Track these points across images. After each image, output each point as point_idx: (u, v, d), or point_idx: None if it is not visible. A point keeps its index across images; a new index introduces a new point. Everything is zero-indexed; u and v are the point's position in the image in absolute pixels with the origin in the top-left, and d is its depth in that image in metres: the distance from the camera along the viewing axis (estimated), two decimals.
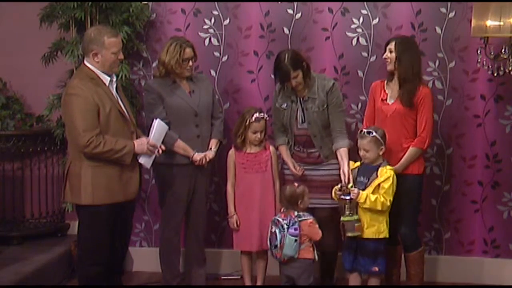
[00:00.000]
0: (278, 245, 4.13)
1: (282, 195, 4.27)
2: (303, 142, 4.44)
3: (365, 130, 4.22)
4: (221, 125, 4.58)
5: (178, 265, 4.63)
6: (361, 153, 4.22)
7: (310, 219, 4.17)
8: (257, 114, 4.44)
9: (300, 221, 4.14)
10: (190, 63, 4.36)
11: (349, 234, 4.15)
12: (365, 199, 4.11)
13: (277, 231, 4.13)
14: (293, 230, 4.10)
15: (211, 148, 4.48)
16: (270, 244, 4.21)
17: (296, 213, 4.17)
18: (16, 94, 5.18)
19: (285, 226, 4.11)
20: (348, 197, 4.13)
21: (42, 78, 4.97)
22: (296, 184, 4.26)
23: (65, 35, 4.84)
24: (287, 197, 4.21)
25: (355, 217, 4.13)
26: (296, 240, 4.11)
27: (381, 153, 4.19)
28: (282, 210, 4.27)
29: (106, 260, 3.98)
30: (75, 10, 4.62)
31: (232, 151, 4.56)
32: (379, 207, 4.12)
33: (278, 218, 4.18)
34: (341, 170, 4.30)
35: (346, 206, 4.14)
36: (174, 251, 4.57)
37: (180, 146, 4.36)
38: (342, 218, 4.16)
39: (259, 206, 4.48)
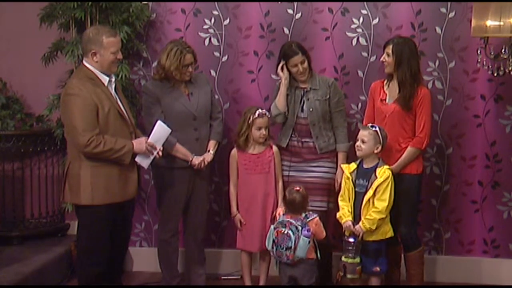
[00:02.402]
0: (292, 247, 4.06)
1: (291, 203, 4.16)
2: (299, 131, 4.46)
3: (369, 124, 4.24)
4: (220, 125, 4.57)
5: (177, 265, 4.64)
6: (358, 143, 4.21)
7: (316, 217, 4.15)
8: (260, 110, 4.45)
9: (308, 221, 4.12)
10: (190, 68, 4.35)
11: (349, 276, 4.16)
12: (369, 224, 4.11)
13: (290, 232, 4.06)
14: (306, 232, 4.05)
15: (209, 151, 4.47)
16: (279, 246, 4.10)
17: (303, 214, 4.14)
18: (16, 94, 5.18)
19: (299, 228, 4.06)
20: (353, 240, 4.12)
21: (42, 78, 4.97)
22: (296, 187, 4.21)
23: (65, 35, 4.85)
24: (299, 203, 4.14)
25: (357, 260, 4.14)
26: (309, 242, 4.07)
27: (376, 151, 4.19)
28: (286, 211, 4.22)
29: (106, 260, 3.98)
30: (75, 10, 4.63)
31: (234, 151, 4.55)
32: (384, 214, 4.12)
33: (289, 220, 4.10)
34: (337, 175, 4.50)
35: (350, 248, 4.13)
36: (173, 252, 4.57)
37: (179, 150, 4.35)
38: (344, 259, 4.16)
39: (261, 207, 4.47)
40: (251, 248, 4.52)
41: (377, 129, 4.18)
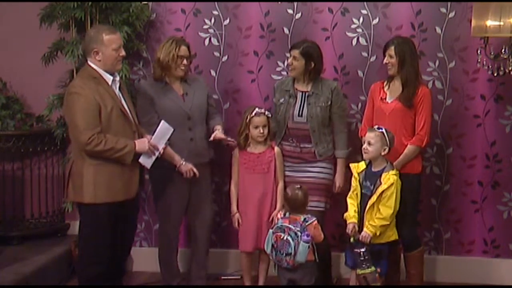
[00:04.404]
0: (292, 253, 4.02)
1: (290, 201, 4.14)
2: (298, 136, 4.45)
3: (376, 126, 4.22)
4: (220, 118, 4.60)
5: (177, 265, 4.64)
6: (364, 145, 4.19)
7: (314, 220, 4.11)
8: (257, 109, 4.45)
9: (307, 225, 4.08)
10: (185, 61, 4.35)
11: (373, 284, 4.14)
12: (374, 229, 4.10)
13: (289, 238, 4.01)
14: (305, 237, 4.01)
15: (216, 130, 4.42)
16: (279, 252, 4.06)
17: (302, 217, 4.10)
18: (16, 94, 5.18)
19: (299, 234, 4.02)
20: (363, 249, 4.09)
21: (42, 78, 4.97)
22: (297, 186, 4.19)
23: (65, 35, 4.84)
24: (301, 201, 4.11)
25: (373, 268, 4.11)
26: (309, 247, 4.04)
27: (383, 153, 4.17)
28: (284, 214, 4.17)
29: (107, 260, 3.98)
30: (75, 10, 4.63)
31: (236, 150, 4.54)
32: (388, 221, 4.12)
33: (288, 225, 4.06)
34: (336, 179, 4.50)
35: (362, 259, 4.10)
36: (172, 252, 4.58)
37: (168, 153, 4.28)
38: (360, 272, 4.11)
39: (257, 207, 4.46)
40: (246, 247, 4.52)
41: (383, 130, 4.17)
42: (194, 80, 4.52)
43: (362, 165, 4.25)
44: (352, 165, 4.30)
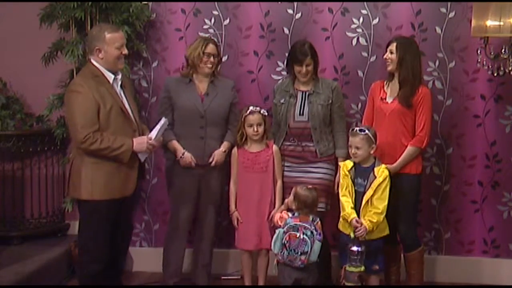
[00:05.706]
0: (308, 251, 4.03)
1: (308, 202, 4.13)
2: (299, 135, 4.45)
3: (357, 128, 4.20)
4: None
5: (179, 264, 4.63)
6: (352, 150, 4.19)
7: (319, 221, 4.14)
8: (252, 108, 4.45)
9: (315, 224, 4.12)
10: (212, 59, 4.39)
11: (374, 285, 4.18)
12: (373, 226, 4.10)
13: (306, 237, 4.03)
14: (319, 236, 4.04)
15: (224, 151, 4.47)
16: (292, 250, 4.05)
17: (311, 217, 4.12)
18: (16, 94, 5.18)
19: (315, 232, 4.04)
20: (356, 249, 4.08)
21: (42, 78, 4.97)
22: (309, 186, 4.20)
23: (65, 35, 4.85)
24: (311, 203, 4.13)
25: (361, 268, 4.10)
26: (322, 245, 4.07)
27: (372, 151, 4.18)
28: (293, 214, 4.17)
29: (106, 258, 3.99)
30: (75, 10, 4.63)
31: (234, 149, 4.55)
32: (384, 214, 4.12)
33: (303, 224, 4.07)
34: (336, 179, 4.46)
35: (354, 257, 4.09)
36: (174, 250, 4.58)
37: (172, 145, 4.42)
38: (355, 269, 4.10)
39: (257, 206, 4.47)
40: (247, 246, 4.52)
41: (367, 131, 4.16)
42: (223, 82, 4.54)
43: (349, 163, 4.25)
44: (341, 163, 4.32)
